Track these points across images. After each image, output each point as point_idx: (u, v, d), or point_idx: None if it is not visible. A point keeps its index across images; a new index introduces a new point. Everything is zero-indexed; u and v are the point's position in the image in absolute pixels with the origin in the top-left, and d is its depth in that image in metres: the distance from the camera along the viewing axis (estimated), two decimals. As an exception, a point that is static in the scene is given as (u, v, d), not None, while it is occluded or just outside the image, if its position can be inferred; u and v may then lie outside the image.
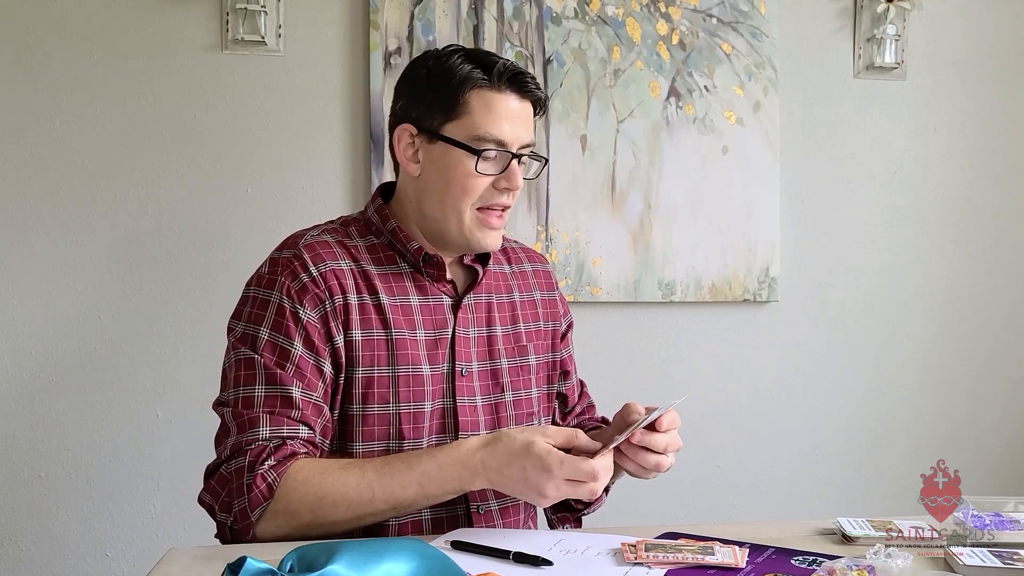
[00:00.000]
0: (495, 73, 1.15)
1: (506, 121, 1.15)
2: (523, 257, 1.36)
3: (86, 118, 1.89)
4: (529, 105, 1.19)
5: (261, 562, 0.74)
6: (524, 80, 1.17)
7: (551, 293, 1.36)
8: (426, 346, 1.17)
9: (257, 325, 1.12)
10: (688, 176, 2.11)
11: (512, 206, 1.21)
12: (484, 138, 1.14)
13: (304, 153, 1.97)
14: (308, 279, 1.13)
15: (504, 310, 1.27)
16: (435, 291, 1.20)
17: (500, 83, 1.15)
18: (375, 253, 1.20)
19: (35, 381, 1.89)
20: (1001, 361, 2.30)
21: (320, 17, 1.97)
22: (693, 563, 0.94)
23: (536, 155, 1.23)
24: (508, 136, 1.15)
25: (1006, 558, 0.95)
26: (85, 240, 1.90)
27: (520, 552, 0.95)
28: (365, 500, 1.04)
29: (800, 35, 2.19)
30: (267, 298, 1.13)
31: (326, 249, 1.16)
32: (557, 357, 1.33)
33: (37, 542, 1.90)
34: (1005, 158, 2.29)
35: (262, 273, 1.16)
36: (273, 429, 1.07)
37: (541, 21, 2.04)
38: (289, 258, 1.15)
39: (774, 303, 2.18)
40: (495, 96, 1.15)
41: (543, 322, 1.32)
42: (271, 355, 1.10)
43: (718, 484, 2.17)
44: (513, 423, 1.23)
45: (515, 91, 1.16)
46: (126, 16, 1.90)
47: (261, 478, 1.03)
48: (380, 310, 1.15)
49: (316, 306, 1.12)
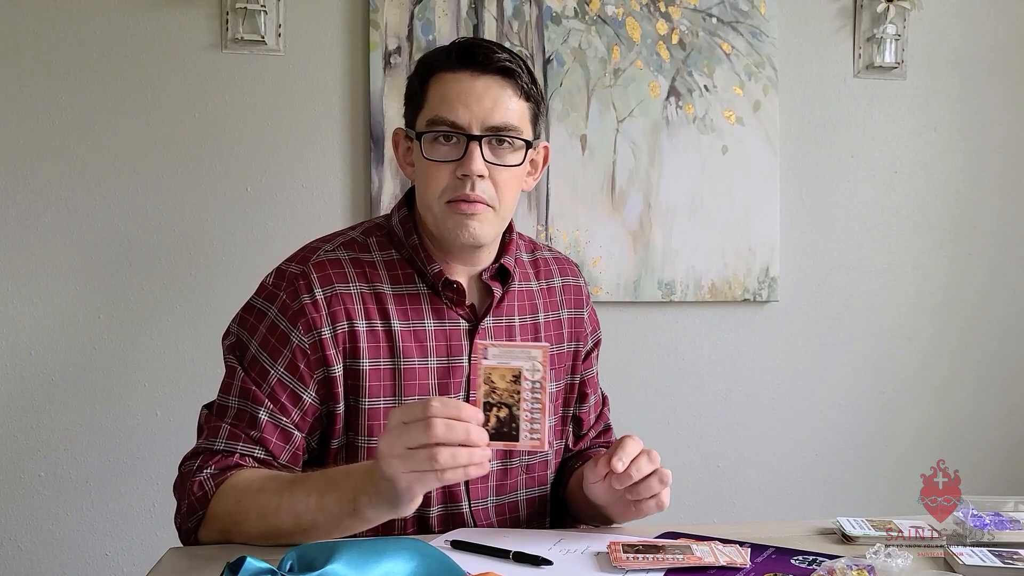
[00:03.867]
0: (449, 51, 1.09)
1: (459, 102, 1.06)
2: (555, 271, 1.27)
3: (86, 117, 1.89)
4: (495, 79, 1.07)
5: (261, 562, 0.74)
6: (474, 52, 1.07)
7: (579, 311, 1.27)
8: (438, 374, 1.12)
9: (250, 335, 1.10)
10: (688, 176, 2.11)
11: (488, 198, 1.08)
12: (435, 121, 1.07)
13: (304, 153, 1.97)
14: (309, 301, 1.08)
15: (527, 332, 1.19)
16: (452, 315, 1.13)
17: (452, 61, 1.08)
18: (393, 270, 1.13)
19: (35, 381, 1.89)
20: (1001, 361, 2.30)
21: (320, 17, 1.97)
22: (682, 565, 0.93)
23: (506, 136, 1.08)
24: (462, 118, 1.06)
25: (1006, 558, 0.95)
26: (85, 240, 1.90)
27: (520, 552, 0.95)
28: (271, 510, 0.98)
29: (800, 35, 2.19)
30: (264, 311, 1.10)
31: (337, 269, 1.10)
32: (576, 380, 1.26)
33: (37, 542, 1.90)
34: (1005, 158, 2.29)
35: (266, 283, 1.13)
36: (229, 443, 1.06)
37: (541, 21, 2.04)
38: (296, 274, 1.10)
39: (774, 303, 2.18)
40: (448, 76, 1.08)
41: (567, 343, 1.24)
42: (252, 370, 1.08)
43: (718, 484, 2.17)
44: (526, 454, 1.17)
45: (468, 67, 1.07)
46: (126, 16, 1.90)
47: (199, 485, 1.03)
48: (390, 337, 1.10)
49: (310, 331, 1.07)
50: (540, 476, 1.21)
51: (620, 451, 1.00)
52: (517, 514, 1.20)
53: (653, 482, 1.01)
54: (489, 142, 1.08)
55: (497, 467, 1.16)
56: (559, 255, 1.31)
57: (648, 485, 1.01)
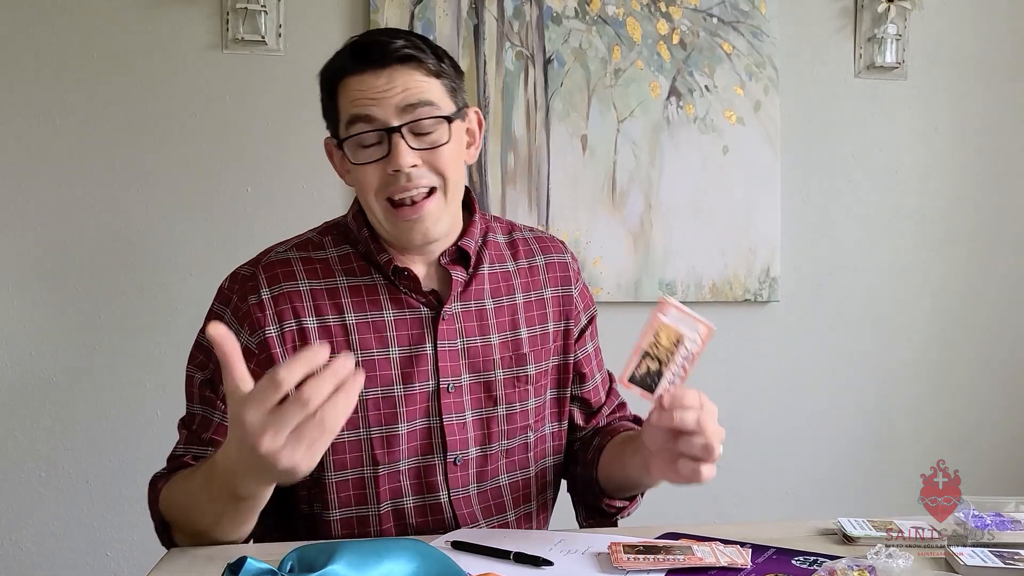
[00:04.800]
0: (345, 55, 1.08)
1: (366, 98, 1.04)
2: (535, 249, 1.23)
3: (86, 117, 1.89)
4: (397, 69, 1.05)
5: (261, 562, 0.74)
6: (367, 50, 1.06)
7: (567, 288, 1.23)
8: (400, 364, 1.10)
9: (203, 340, 1.13)
10: (688, 176, 2.11)
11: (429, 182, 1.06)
12: (350, 123, 1.06)
13: (304, 153, 1.97)
14: (255, 301, 1.09)
15: (503, 315, 1.17)
16: (412, 303, 1.12)
17: (351, 64, 1.07)
18: (348, 264, 1.13)
19: (35, 381, 1.89)
20: (1001, 361, 2.30)
21: (320, 17, 1.97)
22: (683, 565, 0.93)
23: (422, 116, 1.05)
24: (376, 114, 1.04)
25: (1007, 558, 0.95)
26: (85, 240, 1.90)
27: (520, 552, 0.95)
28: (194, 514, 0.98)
29: (800, 35, 2.19)
30: (220, 313, 1.12)
31: (285, 268, 1.11)
32: (570, 360, 1.23)
33: (37, 542, 1.90)
34: (1005, 158, 2.29)
35: (222, 286, 1.14)
36: (185, 447, 1.08)
37: (541, 21, 2.04)
38: (246, 276, 1.11)
39: (774, 303, 2.18)
40: (351, 80, 1.06)
41: (552, 323, 1.21)
42: (214, 370, 1.08)
43: (718, 484, 2.14)
44: (505, 438, 1.16)
45: (366, 64, 1.05)
46: (126, 16, 1.90)
47: (152, 488, 1.06)
48: (345, 331, 1.09)
49: (255, 331, 1.08)
50: (521, 459, 1.19)
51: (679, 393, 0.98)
52: (501, 499, 1.17)
53: (696, 442, 0.96)
54: (410, 130, 1.05)
55: (476, 454, 1.14)
56: (542, 234, 1.27)
57: (689, 442, 0.97)
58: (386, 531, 1.11)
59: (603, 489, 1.19)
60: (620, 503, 1.21)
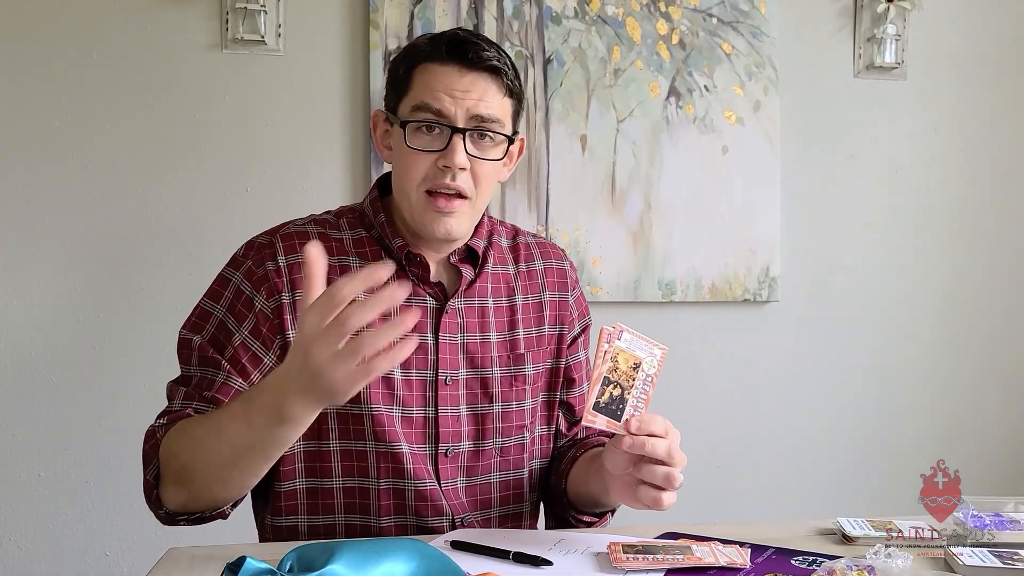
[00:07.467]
0: (439, 43, 1.10)
1: (445, 93, 1.08)
2: (536, 254, 1.26)
3: (86, 117, 1.89)
4: (481, 76, 1.09)
5: (261, 562, 0.74)
6: (464, 48, 1.09)
7: (564, 294, 1.26)
8: None
9: (214, 303, 1.14)
10: (688, 176, 2.11)
11: (467, 189, 1.10)
12: (420, 108, 1.09)
13: (304, 153, 1.97)
14: (272, 267, 1.11)
15: (502, 315, 1.20)
16: (420, 292, 1.14)
17: (442, 54, 1.09)
18: (361, 247, 1.15)
19: (35, 381, 1.89)
20: (1001, 361, 2.30)
21: (320, 17, 1.97)
22: (682, 565, 0.93)
23: (488, 130, 1.10)
24: (448, 109, 1.08)
25: (1006, 558, 0.95)
26: (85, 239, 1.90)
27: (520, 552, 0.95)
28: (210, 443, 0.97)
29: (800, 35, 2.19)
30: (230, 277, 1.14)
31: (303, 240, 1.12)
32: (560, 364, 1.25)
33: (37, 542, 1.90)
34: (1005, 158, 2.29)
35: (236, 254, 1.17)
36: (184, 403, 1.09)
37: (541, 21, 2.04)
38: (263, 244, 1.14)
39: (774, 303, 2.18)
40: (436, 68, 1.09)
41: (548, 326, 1.23)
42: (219, 335, 1.11)
43: (718, 484, 2.17)
44: (500, 436, 1.17)
45: (458, 61, 1.08)
46: (126, 16, 1.90)
47: (150, 435, 1.06)
48: None
49: (272, 295, 1.10)
50: (515, 459, 1.20)
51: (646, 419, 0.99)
52: (489, 496, 1.19)
53: (658, 471, 0.97)
54: (472, 136, 1.10)
55: (468, 448, 1.16)
56: (543, 241, 1.31)
57: (652, 470, 0.97)
58: (384, 508, 1.12)
59: (570, 502, 1.21)
60: (588, 518, 1.21)
